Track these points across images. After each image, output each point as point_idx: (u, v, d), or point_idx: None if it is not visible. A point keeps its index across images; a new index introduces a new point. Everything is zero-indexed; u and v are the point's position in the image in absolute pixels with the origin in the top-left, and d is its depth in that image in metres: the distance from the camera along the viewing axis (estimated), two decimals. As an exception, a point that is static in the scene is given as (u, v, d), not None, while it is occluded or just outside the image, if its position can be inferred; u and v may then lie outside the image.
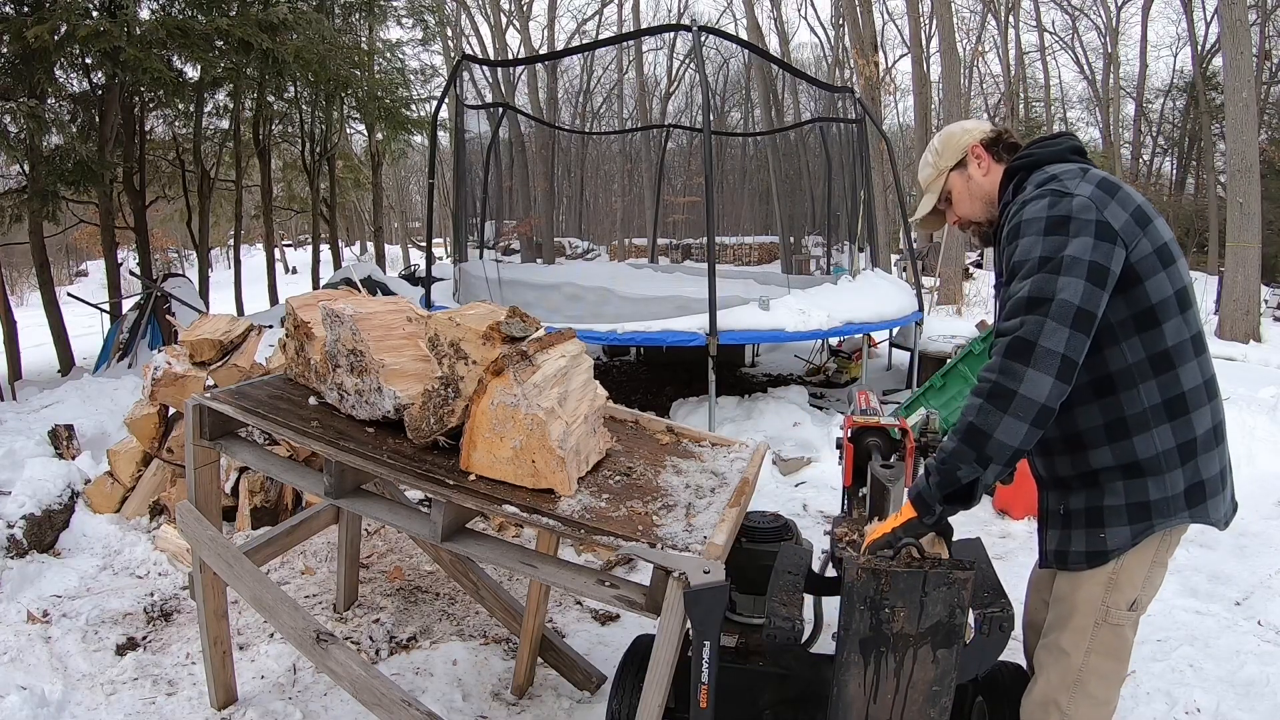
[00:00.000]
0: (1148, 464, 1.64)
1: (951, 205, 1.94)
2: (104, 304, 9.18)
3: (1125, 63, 26.92)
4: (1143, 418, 1.63)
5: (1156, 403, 1.62)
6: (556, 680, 2.81)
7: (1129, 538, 1.66)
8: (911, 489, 1.70)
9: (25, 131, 6.72)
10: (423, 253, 11.83)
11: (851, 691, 1.66)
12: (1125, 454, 1.65)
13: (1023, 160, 1.79)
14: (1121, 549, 1.67)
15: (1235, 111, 11.07)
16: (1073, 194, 1.59)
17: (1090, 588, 1.72)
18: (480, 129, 9.65)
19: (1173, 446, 1.63)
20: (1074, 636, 1.74)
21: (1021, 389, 1.50)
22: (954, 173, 1.90)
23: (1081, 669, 1.73)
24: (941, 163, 1.91)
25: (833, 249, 10.87)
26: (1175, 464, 1.64)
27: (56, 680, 2.71)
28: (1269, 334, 11.53)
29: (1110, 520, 1.68)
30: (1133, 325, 1.61)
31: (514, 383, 1.90)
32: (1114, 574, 1.70)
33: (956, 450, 1.58)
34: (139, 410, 4.11)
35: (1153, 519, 1.65)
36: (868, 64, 15.44)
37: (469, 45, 23.85)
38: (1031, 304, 1.53)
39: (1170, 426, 1.63)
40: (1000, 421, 1.52)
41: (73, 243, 19.58)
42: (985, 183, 1.86)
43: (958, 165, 1.89)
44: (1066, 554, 1.75)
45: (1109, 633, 1.72)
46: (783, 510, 3.30)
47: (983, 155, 1.86)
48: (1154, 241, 1.60)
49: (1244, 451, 4.88)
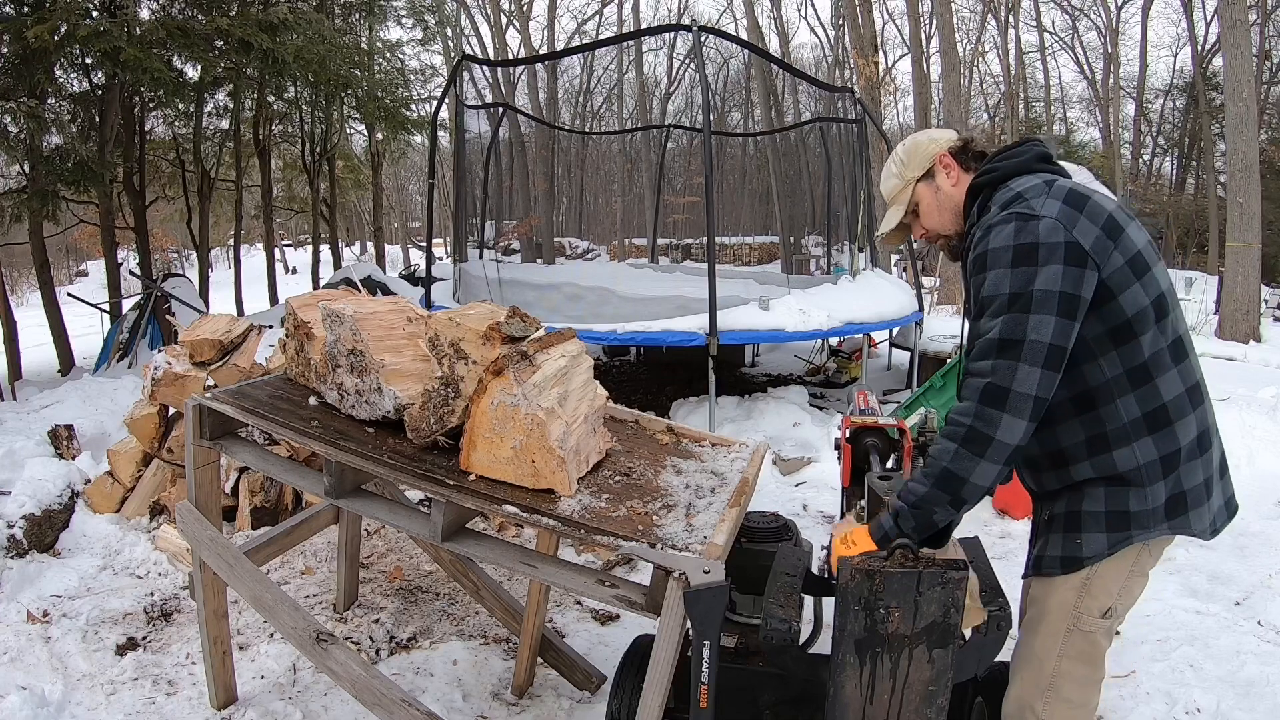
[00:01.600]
0: (1130, 476, 1.62)
1: (919, 218, 1.86)
2: (104, 304, 9.17)
3: (1125, 63, 26.92)
4: (1123, 432, 1.61)
5: (1136, 416, 1.60)
6: (556, 680, 2.81)
7: (1105, 545, 1.64)
8: (874, 528, 1.66)
9: (25, 131, 6.71)
10: (423, 253, 11.84)
11: (848, 692, 1.66)
12: (1106, 467, 1.63)
13: (985, 176, 1.73)
14: (1097, 557, 1.64)
15: (1235, 111, 11.07)
16: (1039, 215, 1.55)
17: (1063, 593, 1.69)
18: (480, 129, 9.65)
19: (1155, 459, 1.61)
20: (1046, 641, 1.71)
21: (998, 435, 1.51)
22: (921, 184, 1.83)
23: (1054, 674, 1.71)
24: (908, 173, 1.84)
25: (833, 249, 10.86)
26: (1157, 476, 1.61)
27: (56, 680, 2.71)
28: (1269, 334, 11.53)
29: (1087, 526, 1.65)
30: (1109, 340, 1.58)
31: (514, 383, 1.90)
32: (1088, 580, 1.67)
33: (930, 495, 1.58)
34: (139, 410, 4.11)
35: (1131, 530, 1.63)
36: (868, 64, 15.43)
37: (469, 45, 23.83)
38: (1003, 346, 1.52)
39: (1152, 439, 1.60)
40: (976, 466, 1.53)
41: (73, 243, 19.56)
42: (955, 194, 1.79)
43: (925, 176, 1.83)
44: (1042, 559, 1.72)
45: (1080, 639, 1.69)
46: (783, 510, 3.30)
47: (951, 165, 1.79)
48: (1126, 252, 1.56)
49: (1244, 452, 4.88)
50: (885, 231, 1.91)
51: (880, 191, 1.92)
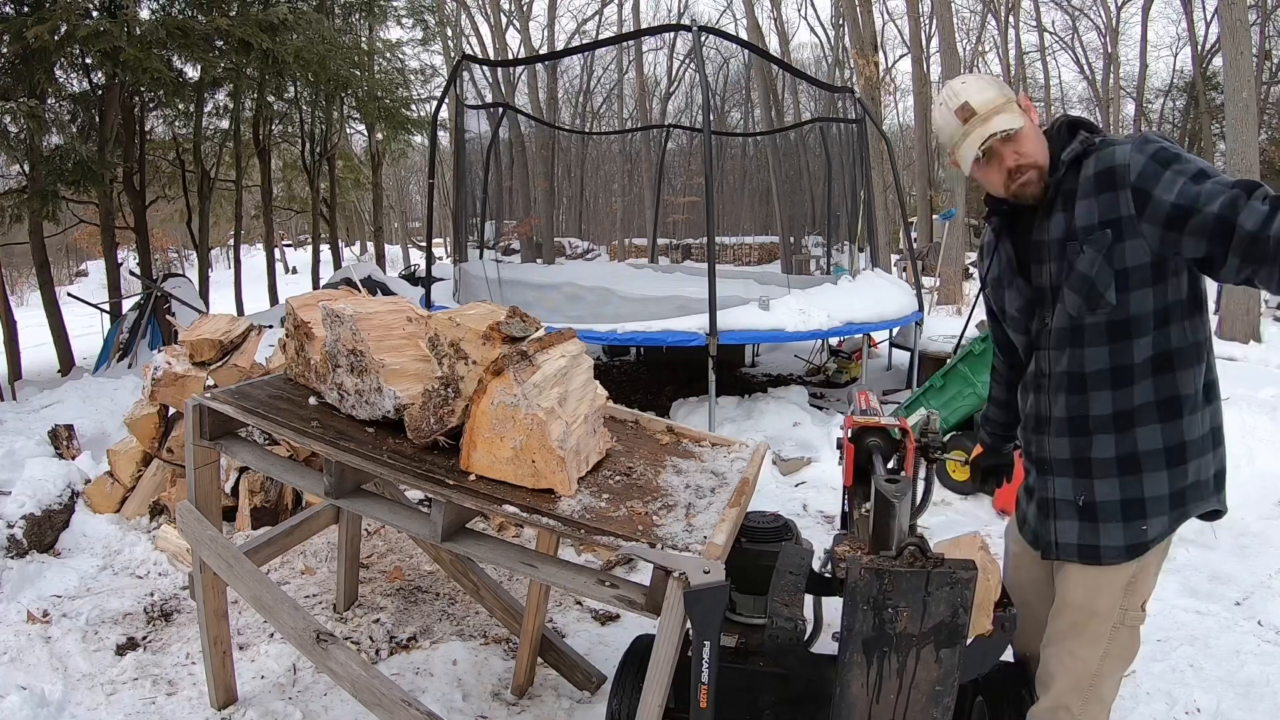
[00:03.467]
0: (1191, 446, 1.64)
1: (1014, 142, 1.63)
2: (104, 304, 9.17)
3: (1125, 63, 26.93)
4: (1194, 399, 1.64)
5: (1202, 385, 1.65)
6: (556, 680, 2.81)
7: (1168, 526, 1.67)
8: None
9: (25, 131, 6.72)
10: (423, 253, 11.83)
11: (854, 691, 1.66)
12: (1174, 436, 1.63)
13: (1065, 119, 1.70)
14: (1160, 538, 1.67)
15: (1235, 111, 11.05)
16: (1151, 139, 1.56)
17: (1111, 592, 1.69)
18: (480, 129, 9.64)
19: (1208, 430, 1.67)
20: (1092, 642, 1.71)
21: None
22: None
23: (1096, 674, 1.71)
24: (1007, 92, 1.65)
25: (833, 249, 10.86)
26: (1209, 447, 1.67)
27: (56, 680, 2.70)
28: (1269, 334, 11.51)
29: (1153, 510, 1.66)
30: (1191, 307, 1.62)
31: (514, 383, 1.90)
32: (1136, 574, 1.69)
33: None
34: (139, 410, 4.11)
35: (1188, 505, 1.67)
36: (868, 64, 15.42)
37: (469, 45, 23.84)
38: (1247, 186, 1.39)
39: (1209, 410, 1.67)
40: None
41: (73, 243, 19.56)
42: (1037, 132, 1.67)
43: None
44: (1098, 549, 1.68)
45: (1125, 635, 1.72)
46: (783, 510, 3.30)
47: (1030, 106, 1.68)
48: None
49: (1244, 451, 4.87)
50: (1005, 129, 1.60)
51: (977, 103, 1.64)
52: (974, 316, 7.34)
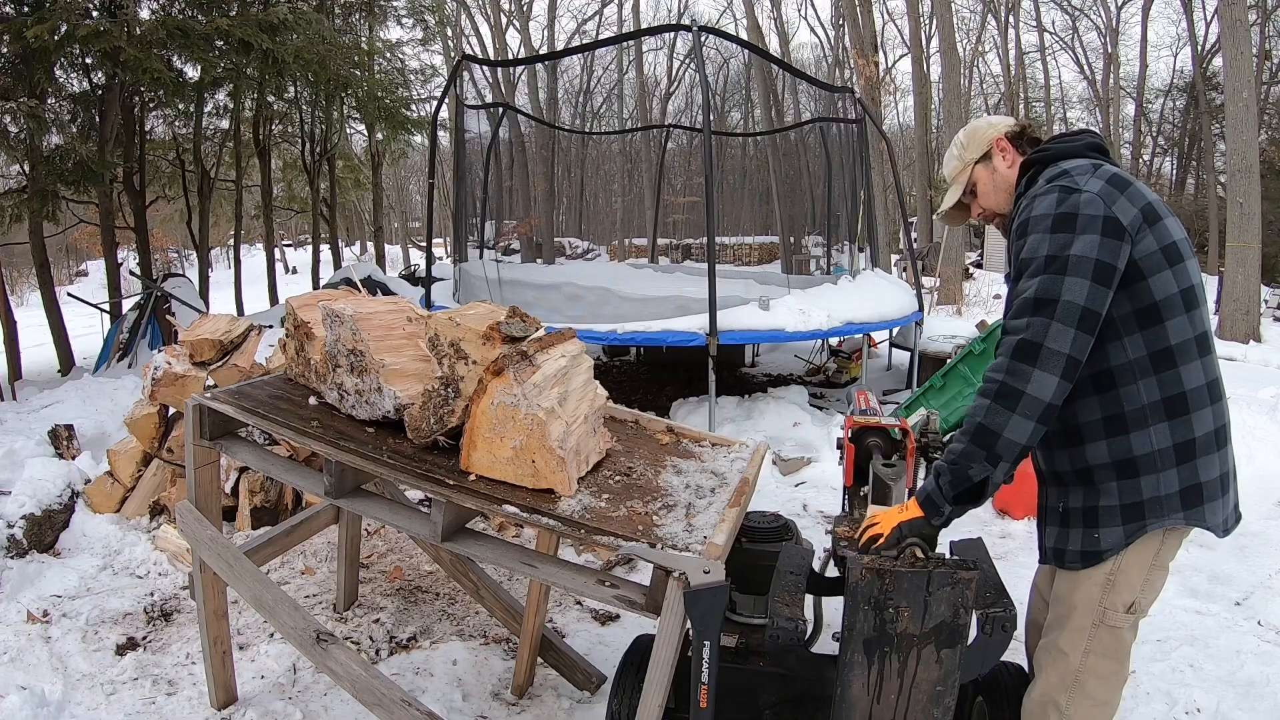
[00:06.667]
0: (1143, 461, 1.64)
1: (976, 198, 1.95)
2: (104, 304, 9.17)
3: (1125, 63, 26.93)
4: (1140, 414, 1.63)
5: (1155, 400, 1.63)
6: (556, 680, 2.81)
7: (1122, 538, 1.67)
8: (920, 490, 1.71)
9: (25, 131, 6.71)
10: (423, 253, 11.83)
11: (855, 691, 1.66)
12: (1121, 450, 1.65)
13: (1038, 154, 1.80)
14: (1115, 549, 1.68)
15: (1235, 111, 11.06)
16: (1081, 189, 1.61)
17: (1088, 588, 1.72)
18: (480, 129, 9.65)
19: (1169, 446, 1.63)
20: (1072, 637, 1.74)
21: (1029, 389, 1.55)
22: (979, 165, 1.92)
23: (1080, 670, 1.73)
24: (967, 155, 1.93)
25: (833, 249, 10.86)
26: (1170, 463, 1.64)
27: (56, 680, 2.70)
28: (1269, 334, 11.53)
29: (1105, 520, 1.69)
30: (1135, 321, 1.62)
31: (514, 383, 1.90)
32: (1112, 574, 1.70)
33: (966, 451, 1.61)
34: (139, 410, 4.11)
35: (1146, 518, 1.65)
36: (868, 64, 15.44)
37: (469, 45, 23.85)
38: (1038, 305, 1.56)
39: (1168, 425, 1.63)
40: (1009, 420, 1.56)
41: (73, 243, 19.56)
42: (1009, 175, 1.88)
43: (983, 158, 1.91)
44: (1064, 552, 1.76)
45: (1107, 634, 1.72)
46: (783, 510, 3.30)
47: (1007, 148, 1.88)
48: (1161, 239, 1.61)
49: (1244, 451, 4.85)
50: (944, 210, 2.03)
51: (943, 174, 2.03)
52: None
